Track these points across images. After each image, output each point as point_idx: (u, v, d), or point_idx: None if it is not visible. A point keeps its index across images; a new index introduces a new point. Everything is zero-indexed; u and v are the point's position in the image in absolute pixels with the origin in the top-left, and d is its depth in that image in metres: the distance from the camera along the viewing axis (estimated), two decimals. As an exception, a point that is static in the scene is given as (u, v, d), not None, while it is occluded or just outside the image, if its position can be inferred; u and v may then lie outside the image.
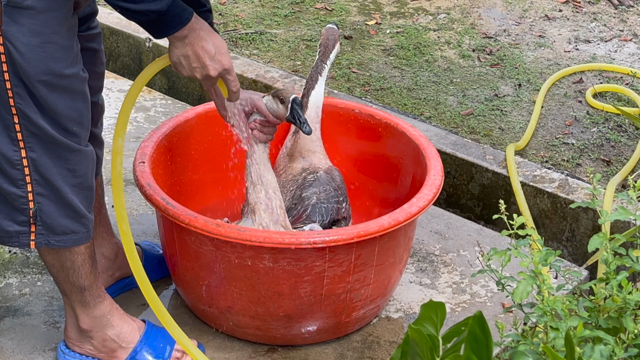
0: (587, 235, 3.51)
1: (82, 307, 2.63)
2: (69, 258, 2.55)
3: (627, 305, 2.14)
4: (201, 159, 3.13)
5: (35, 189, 2.43)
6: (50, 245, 2.50)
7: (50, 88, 2.34)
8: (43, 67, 2.32)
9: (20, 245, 2.49)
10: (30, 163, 2.41)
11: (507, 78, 4.39)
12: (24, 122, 2.37)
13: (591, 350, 2.00)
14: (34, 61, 2.30)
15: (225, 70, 2.46)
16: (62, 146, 2.42)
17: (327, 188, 2.97)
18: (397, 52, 4.60)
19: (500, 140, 3.91)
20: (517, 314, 2.89)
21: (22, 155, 2.40)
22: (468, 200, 3.79)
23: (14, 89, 2.33)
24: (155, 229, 3.27)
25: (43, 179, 2.43)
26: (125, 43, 4.62)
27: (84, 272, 2.58)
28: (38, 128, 2.38)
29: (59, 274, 2.59)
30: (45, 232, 2.48)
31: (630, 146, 3.88)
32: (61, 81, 2.36)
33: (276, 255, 2.60)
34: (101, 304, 2.65)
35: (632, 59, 4.59)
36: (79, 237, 2.53)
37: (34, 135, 2.39)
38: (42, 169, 2.42)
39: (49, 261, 2.57)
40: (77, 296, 2.62)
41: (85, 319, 2.65)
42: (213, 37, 2.42)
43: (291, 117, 2.71)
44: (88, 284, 2.60)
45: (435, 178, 2.86)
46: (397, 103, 4.16)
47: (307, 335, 2.81)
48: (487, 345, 1.78)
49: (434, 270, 3.18)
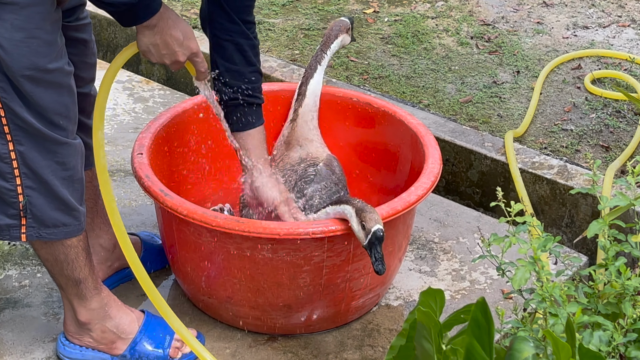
0: (587, 221, 3.51)
1: (79, 300, 2.63)
2: (62, 251, 2.55)
3: (626, 291, 2.15)
4: (200, 148, 3.13)
5: (25, 182, 2.43)
6: (41, 238, 2.50)
7: (34, 83, 2.34)
8: (27, 62, 2.31)
9: (12, 238, 2.49)
10: (19, 156, 2.40)
11: (505, 65, 4.39)
12: (10, 116, 2.36)
13: (590, 335, 2.01)
14: (17, 56, 2.29)
15: (193, 54, 2.54)
16: (49, 140, 2.41)
17: (328, 184, 2.96)
18: (395, 40, 4.59)
19: (499, 127, 3.90)
20: (517, 300, 2.89)
21: (10, 149, 2.39)
22: (467, 187, 3.79)
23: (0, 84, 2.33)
24: (154, 219, 3.28)
25: (32, 172, 2.43)
26: (123, 34, 4.62)
27: (78, 265, 2.58)
28: (24, 122, 2.37)
29: (53, 267, 2.59)
30: (36, 225, 2.48)
31: (629, 132, 3.88)
32: (45, 76, 2.35)
33: (275, 245, 2.60)
34: (98, 296, 2.65)
35: (631, 45, 4.58)
36: (70, 229, 2.52)
37: (20, 129, 2.38)
38: (30, 163, 2.41)
39: (43, 255, 2.57)
40: (73, 289, 2.62)
41: (83, 312, 2.65)
42: (180, 23, 2.47)
43: (368, 249, 2.57)
44: (83, 276, 2.60)
45: (433, 166, 2.86)
46: (395, 91, 4.16)
47: (307, 324, 2.81)
48: (489, 332, 1.79)
49: (433, 258, 3.19)
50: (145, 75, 4.53)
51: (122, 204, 3.37)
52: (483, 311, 1.70)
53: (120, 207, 3.35)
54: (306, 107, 3.11)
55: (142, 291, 2.97)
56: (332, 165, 3.04)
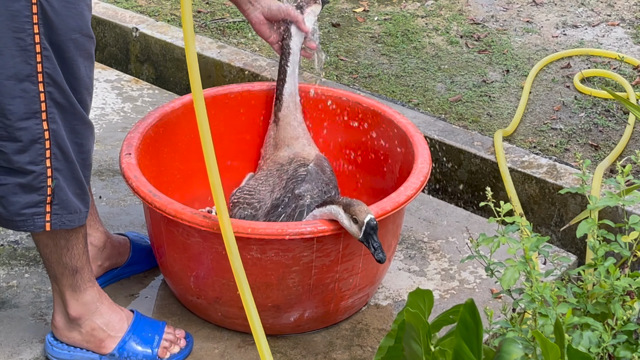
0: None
1: (72, 292, 2.62)
2: (63, 236, 2.53)
3: (615, 291, 2.15)
4: (188, 148, 3.12)
5: (54, 164, 2.42)
6: (64, 226, 2.47)
7: (77, 49, 2.37)
8: (74, 24, 2.34)
9: (35, 227, 2.45)
10: (51, 135, 2.39)
11: (495, 64, 4.39)
12: (50, 89, 2.36)
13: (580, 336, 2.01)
14: (67, 18, 2.33)
15: None
16: (78, 117, 2.43)
17: (319, 184, 2.95)
18: (385, 39, 4.59)
19: (488, 126, 3.90)
20: (506, 300, 2.89)
21: (45, 128, 2.38)
22: (456, 186, 3.79)
23: (44, 53, 2.33)
24: (142, 219, 3.27)
25: (61, 153, 2.42)
26: (112, 33, 4.60)
27: (77, 252, 2.57)
28: (63, 94, 2.38)
29: (51, 254, 2.56)
30: (60, 212, 2.46)
31: (618, 131, 3.88)
32: (86, 43, 2.39)
33: (264, 246, 2.59)
34: (91, 289, 2.64)
35: (620, 44, 4.58)
36: (82, 216, 2.52)
37: (56, 105, 2.38)
38: (60, 142, 2.41)
39: (43, 240, 2.53)
40: (68, 279, 2.59)
41: (75, 305, 2.63)
42: None
43: (364, 241, 2.56)
44: (80, 265, 2.59)
45: (422, 166, 2.85)
46: (385, 90, 4.15)
47: (296, 324, 2.80)
48: (478, 333, 1.78)
49: (422, 257, 3.18)
50: (135, 75, 4.52)
51: (111, 204, 3.36)
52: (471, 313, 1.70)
53: (108, 206, 3.34)
54: (286, 110, 3.09)
55: (131, 291, 2.98)
56: (323, 165, 3.03)
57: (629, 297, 2.15)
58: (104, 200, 3.37)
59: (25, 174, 2.40)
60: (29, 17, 2.29)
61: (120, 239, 3.01)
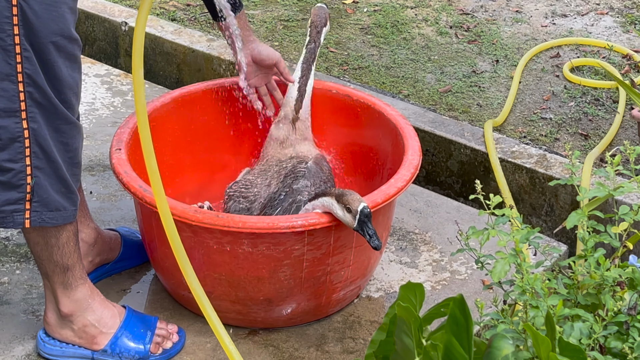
0: (566, 210, 3.52)
1: (64, 289, 2.62)
2: (54, 234, 2.53)
3: (605, 282, 2.15)
4: (179, 143, 3.12)
5: (34, 162, 2.42)
6: (44, 223, 2.48)
7: (58, 51, 2.36)
8: (55, 27, 2.33)
9: (15, 224, 2.46)
10: (31, 134, 2.39)
11: (484, 54, 4.39)
12: (30, 89, 2.36)
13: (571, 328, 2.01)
14: (48, 20, 2.32)
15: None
16: (61, 117, 2.42)
17: (317, 181, 2.95)
18: (375, 30, 4.59)
19: (478, 117, 3.91)
20: (498, 291, 2.89)
21: (24, 127, 2.39)
22: (447, 177, 3.79)
23: (24, 54, 2.33)
24: (133, 214, 3.26)
25: (42, 151, 2.42)
26: (101, 27, 4.59)
27: (68, 250, 2.57)
28: (43, 95, 2.37)
29: (42, 252, 2.57)
30: (40, 209, 2.46)
31: (608, 119, 3.89)
32: (68, 45, 2.37)
33: (255, 240, 2.59)
34: (83, 286, 2.64)
35: (609, 32, 4.59)
36: (68, 214, 2.52)
37: (37, 104, 2.38)
38: (41, 141, 2.41)
39: (34, 239, 2.54)
40: (59, 277, 2.60)
41: (66, 302, 2.63)
42: None
43: (359, 229, 2.56)
44: (71, 263, 2.59)
45: (413, 158, 2.85)
46: (375, 82, 4.15)
47: (288, 317, 2.81)
48: (468, 329, 1.79)
49: (414, 249, 3.19)
50: (124, 69, 4.51)
51: (102, 199, 3.35)
52: (461, 308, 1.70)
53: (99, 202, 3.34)
54: (305, 107, 3.09)
55: (123, 287, 2.98)
56: (322, 164, 3.03)
57: (619, 287, 2.15)
58: (94, 195, 3.37)
59: (4, 171, 2.41)
60: (9, 17, 2.29)
61: (111, 234, 3.01)
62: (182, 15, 4.65)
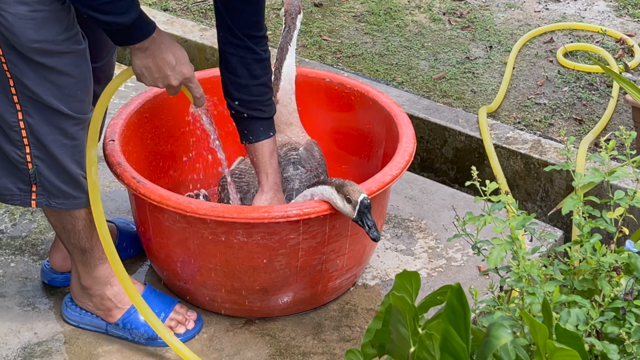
0: (561, 195, 3.51)
1: (84, 267, 2.70)
2: (69, 221, 2.61)
3: (602, 268, 2.15)
4: (172, 134, 3.11)
5: (33, 152, 2.47)
6: (51, 206, 2.56)
7: (45, 55, 2.35)
8: (33, 36, 2.32)
9: (23, 203, 2.55)
10: (27, 126, 2.43)
11: (478, 40, 4.38)
12: (19, 87, 2.39)
13: (567, 314, 2.01)
14: (22, 29, 2.31)
15: (187, 79, 2.54)
16: (59, 113, 2.44)
17: (308, 167, 2.95)
18: (368, 18, 4.57)
19: (472, 103, 3.90)
20: (494, 277, 2.89)
21: (19, 118, 2.42)
22: (442, 164, 3.79)
23: (6, 56, 2.34)
24: (128, 205, 3.25)
25: (40, 144, 2.46)
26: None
27: (85, 235, 2.64)
28: (33, 94, 2.39)
29: (61, 234, 2.66)
30: (45, 194, 2.54)
31: (602, 104, 3.88)
32: (56, 47, 2.36)
33: (250, 230, 2.59)
34: (102, 266, 2.70)
35: (602, 17, 4.58)
36: (78, 202, 2.58)
37: (30, 101, 2.40)
38: (38, 135, 2.45)
39: (52, 221, 2.64)
40: (78, 257, 2.68)
41: (86, 278, 2.71)
42: (174, 48, 2.49)
43: (358, 220, 2.56)
44: (89, 246, 2.66)
45: (407, 145, 2.85)
46: (369, 69, 4.14)
47: (284, 306, 2.80)
48: (465, 318, 1.79)
49: (409, 236, 3.18)
50: (118, 60, 4.48)
51: (96, 190, 3.34)
52: (458, 297, 1.70)
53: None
54: (283, 90, 3.07)
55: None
56: (313, 149, 3.02)
57: (615, 273, 2.15)
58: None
59: (9, 154, 2.48)
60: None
61: (107, 225, 3.01)
62: (175, 5, 4.64)
